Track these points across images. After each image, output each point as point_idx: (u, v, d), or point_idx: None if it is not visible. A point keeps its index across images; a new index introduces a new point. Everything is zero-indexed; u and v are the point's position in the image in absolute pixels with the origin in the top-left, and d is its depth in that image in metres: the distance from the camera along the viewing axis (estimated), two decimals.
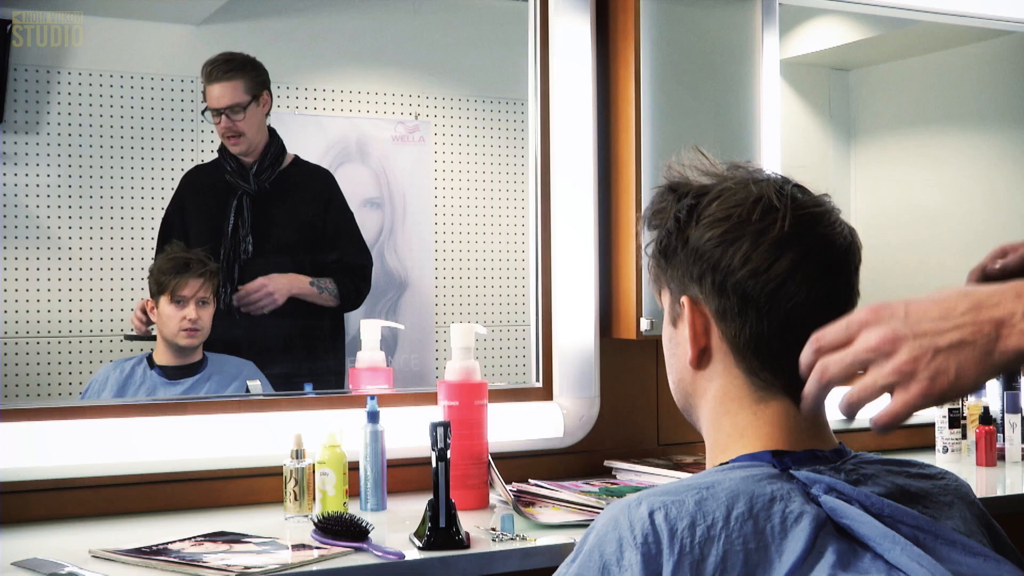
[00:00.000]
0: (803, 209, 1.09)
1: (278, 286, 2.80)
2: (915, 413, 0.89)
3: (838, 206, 1.12)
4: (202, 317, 2.69)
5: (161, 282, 2.69)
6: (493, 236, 4.24)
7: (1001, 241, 1.32)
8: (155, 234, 3.77)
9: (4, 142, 3.62)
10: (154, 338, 2.83)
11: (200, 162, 3.77)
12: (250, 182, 2.90)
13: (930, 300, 0.90)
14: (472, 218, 4.22)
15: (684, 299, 1.11)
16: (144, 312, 2.79)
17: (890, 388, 0.89)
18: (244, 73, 2.89)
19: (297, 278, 2.83)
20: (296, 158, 3.00)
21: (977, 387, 0.90)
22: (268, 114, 2.94)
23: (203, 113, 2.95)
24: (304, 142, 3.09)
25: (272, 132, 2.95)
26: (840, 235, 1.10)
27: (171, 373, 2.72)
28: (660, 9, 2.25)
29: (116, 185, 3.76)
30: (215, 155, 3.98)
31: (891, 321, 0.90)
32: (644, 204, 2.24)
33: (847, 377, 0.92)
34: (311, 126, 3.20)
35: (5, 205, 3.63)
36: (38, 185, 3.67)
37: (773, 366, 1.08)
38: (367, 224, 3.16)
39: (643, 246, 1.17)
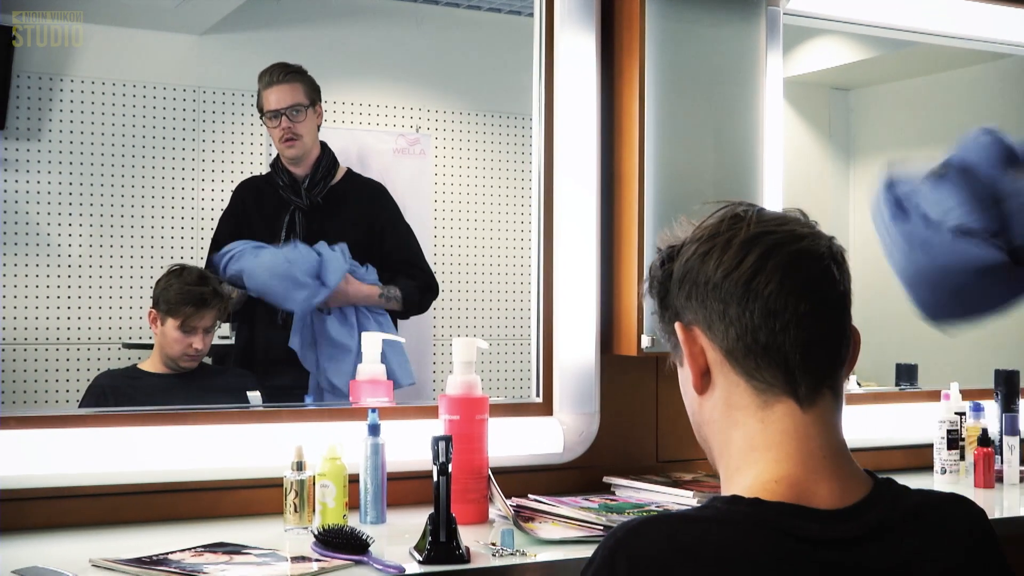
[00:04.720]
0: (771, 215, 1.11)
1: (352, 293, 2.86)
2: None
3: (817, 223, 1.13)
4: (206, 344, 2.71)
5: (173, 309, 2.68)
6: (493, 250, 4.25)
7: None
8: (155, 242, 3.78)
9: (6, 148, 3.62)
10: (151, 347, 2.82)
11: (222, 171, 3.79)
12: (302, 196, 2.92)
13: None
14: (472, 231, 4.23)
15: (676, 326, 1.12)
16: None
17: None
18: (303, 78, 2.94)
19: (372, 291, 2.89)
20: (349, 171, 3.02)
21: None
22: (319, 127, 2.96)
23: (261, 119, 2.96)
24: None
25: (324, 146, 2.97)
26: (813, 236, 1.10)
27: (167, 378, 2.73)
28: (665, 26, 2.26)
29: (117, 193, 3.76)
30: (220, 164, 3.99)
31: None
32: (647, 220, 2.26)
33: None
34: None
35: (6, 211, 3.63)
36: (39, 192, 3.68)
37: (768, 362, 1.07)
38: None
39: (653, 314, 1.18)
